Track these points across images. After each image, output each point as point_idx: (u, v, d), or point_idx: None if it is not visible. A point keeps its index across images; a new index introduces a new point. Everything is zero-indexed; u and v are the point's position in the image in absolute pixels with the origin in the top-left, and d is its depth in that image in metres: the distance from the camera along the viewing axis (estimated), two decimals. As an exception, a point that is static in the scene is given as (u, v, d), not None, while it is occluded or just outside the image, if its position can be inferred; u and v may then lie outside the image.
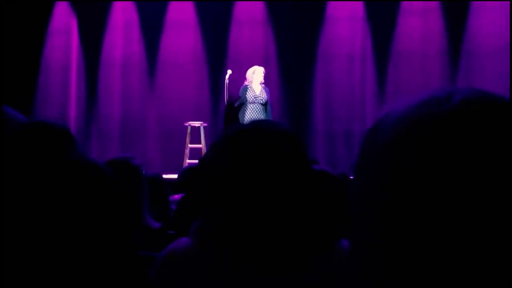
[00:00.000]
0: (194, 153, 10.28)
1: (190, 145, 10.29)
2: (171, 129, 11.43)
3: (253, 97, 9.44)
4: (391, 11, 11.48)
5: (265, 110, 9.60)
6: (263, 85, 9.66)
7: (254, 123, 1.53)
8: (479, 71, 11.19)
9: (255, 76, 9.56)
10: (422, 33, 11.40)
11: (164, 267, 1.50)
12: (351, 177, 0.82)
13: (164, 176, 9.49)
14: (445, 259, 0.62)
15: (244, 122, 9.29)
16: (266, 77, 11.40)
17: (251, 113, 9.40)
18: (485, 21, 11.18)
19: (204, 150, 10.21)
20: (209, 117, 11.31)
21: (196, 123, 10.40)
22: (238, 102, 9.53)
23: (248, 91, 9.47)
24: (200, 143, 10.25)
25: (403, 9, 11.45)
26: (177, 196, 5.13)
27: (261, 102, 9.50)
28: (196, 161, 9.90)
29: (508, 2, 11.04)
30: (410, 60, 11.43)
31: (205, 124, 10.47)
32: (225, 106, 9.78)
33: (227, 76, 9.92)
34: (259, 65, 11.12)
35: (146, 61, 11.93)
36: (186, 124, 10.41)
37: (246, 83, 9.60)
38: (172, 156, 11.12)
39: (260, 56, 11.70)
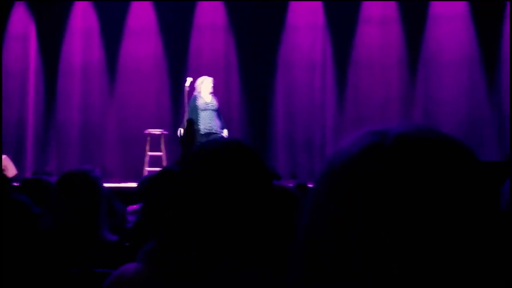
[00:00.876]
0: (154, 161, 10.21)
1: (150, 153, 10.22)
2: (131, 136, 11.32)
3: (204, 104, 9.52)
4: (351, 20, 11.58)
5: (218, 116, 9.65)
6: (212, 94, 9.69)
7: (216, 143, 1.54)
8: (437, 80, 11.35)
9: (204, 86, 9.64)
10: (381, 42, 11.52)
11: None
12: (310, 185, 0.88)
13: (124, 184, 9.43)
14: (419, 259, 0.67)
15: (200, 129, 9.38)
16: (227, 84, 11.42)
17: (204, 119, 9.46)
18: (443, 31, 11.35)
19: (164, 158, 10.16)
20: (169, 124, 11.24)
21: (156, 131, 10.34)
22: (188, 115, 9.52)
23: (199, 100, 9.56)
24: (160, 151, 10.19)
25: (362, 18, 11.56)
26: (135, 207, 5.08)
27: (213, 108, 9.56)
28: (156, 169, 9.85)
29: (466, 14, 11.24)
30: (369, 68, 11.53)
31: (166, 132, 10.41)
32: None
33: (187, 84, 9.89)
34: (220, 72, 11.14)
35: (106, 67, 11.82)
36: (146, 132, 10.33)
37: (195, 93, 9.67)
38: (132, 163, 11.03)
39: (220, 63, 11.69)
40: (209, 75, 9.93)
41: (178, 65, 11.64)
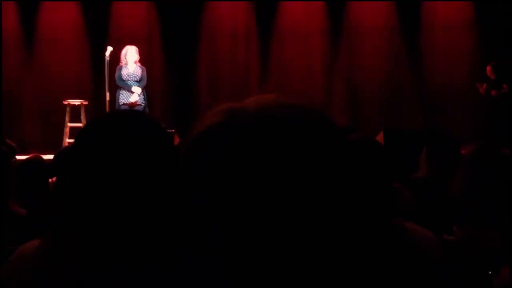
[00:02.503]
0: (74, 132, 9.99)
1: (69, 124, 9.98)
2: (51, 106, 11.07)
3: (126, 75, 9.40)
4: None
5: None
6: (138, 64, 9.56)
7: (115, 115, 1.46)
8: (359, 49, 11.49)
9: (128, 56, 9.50)
10: (304, 11, 11.55)
11: (9, 272, 1.39)
12: None
13: (44, 156, 9.20)
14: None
15: (119, 100, 9.32)
16: (149, 54, 11.23)
17: (124, 91, 9.37)
18: (365, 1, 11.47)
19: (85, 129, 9.94)
20: (90, 94, 11.03)
21: (76, 101, 10.11)
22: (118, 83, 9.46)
23: (122, 70, 9.44)
24: (80, 121, 9.98)
25: (285, -13, 11.57)
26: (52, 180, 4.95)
27: (135, 79, 9.44)
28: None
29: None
30: (293, 38, 11.56)
31: (86, 102, 10.19)
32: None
33: (107, 53, 9.67)
34: (142, 42, 10.93)
35: (23, 35, 11.47)
36: (65, 103, 10.09)
37: (121, 64, 9.53)
38: (52, 135, 10.78)
39: (143, 33, 11.50)
40: (131, 45, 9.74)
41: (98, 34, 11.39)
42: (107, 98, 9.50)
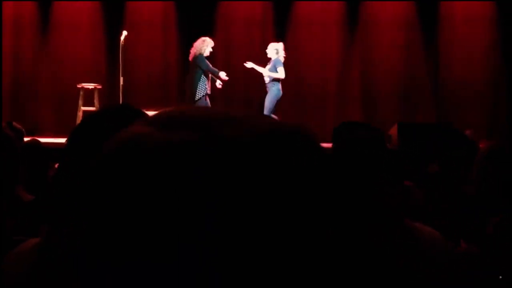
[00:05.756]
0: (88, 117, 10.00)
1: (83, 108, 9.97)
2: (65, 91, 11.08)
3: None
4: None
5: None
6: None
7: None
8: (375, 41, 11.40)
9: (209, 49, 9.31)
10: (321, 2, 11.47)
11: (7, 270, 1.35)
12: None
13: (57, 140, 9.21)
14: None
15: (205, 89, 9.28)
16: (165, 39, 11.22)
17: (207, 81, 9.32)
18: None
19: (98, 114, 9.92)
20: (104, 79, 11.03)
21: (90, 85, 10.10)
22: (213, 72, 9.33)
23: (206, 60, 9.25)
24: (94, 105, 9.97)
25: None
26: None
27: None
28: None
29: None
30: (309, 28, 11.48)
31: (99, 87, 10.17)
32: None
33: (122, 38, 9.64)
34: (158, 28, 10.93)
35: (39, 19, 11.47)
36: (79, 86, 10.08)
37: (199, 52, 9.27)
38: (66, 119, 10.79)
39: (159, 18, 11.47)
40: (147, 30, 9.70)
41: (114, 18, 11.37)
42: (121, 82, 9.49)
